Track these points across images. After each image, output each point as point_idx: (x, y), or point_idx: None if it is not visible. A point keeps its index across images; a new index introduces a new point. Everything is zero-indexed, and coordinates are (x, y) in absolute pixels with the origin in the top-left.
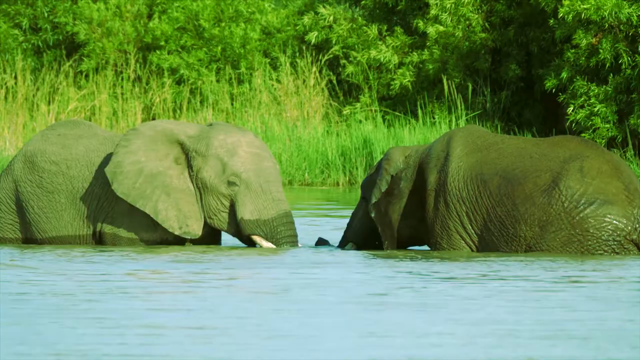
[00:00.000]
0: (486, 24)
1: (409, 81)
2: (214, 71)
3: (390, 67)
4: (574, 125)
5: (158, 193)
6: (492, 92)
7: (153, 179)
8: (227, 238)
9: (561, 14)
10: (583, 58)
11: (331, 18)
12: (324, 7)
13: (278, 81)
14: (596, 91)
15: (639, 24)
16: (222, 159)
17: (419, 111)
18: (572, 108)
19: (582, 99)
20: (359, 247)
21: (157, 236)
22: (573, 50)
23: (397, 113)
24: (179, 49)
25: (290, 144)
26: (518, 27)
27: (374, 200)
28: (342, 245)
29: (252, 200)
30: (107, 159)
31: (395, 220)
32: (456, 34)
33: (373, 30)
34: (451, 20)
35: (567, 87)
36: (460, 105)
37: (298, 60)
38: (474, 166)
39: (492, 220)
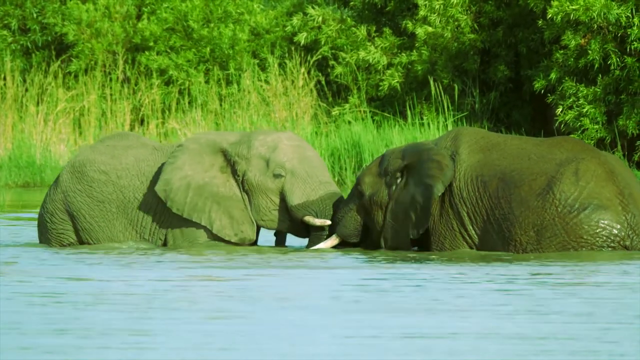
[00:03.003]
0: (475, 25)
1: (397, 82)
2: (203, 72)
3: (379, 68)
4: (562, 126)
5: (209, 204)
6: (481, 93)
7: (201, 191)
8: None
9: (550, 15)
10: (572, 59)
11: (320, 19)
12: (312, 8)
13: (267, 82)
14: (585, 92)
15: (628, 24)
16: (264, 155)
17: (408, 112)
18: (560, 109)
19: (571, 99)
20: (362, 245)
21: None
22: (562, 51)
23: (386, 114)
24: (168, 50)
25: None
26: (507, 28)
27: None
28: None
29: (299, 186)
30: (157, 169)
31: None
32: (445, 34)
33: (362, 31)
34: (440, 21)
35: (555, 88)
36: (448, 107)
37: (287, 61)
38: (475, 167)
39: (490, 223)
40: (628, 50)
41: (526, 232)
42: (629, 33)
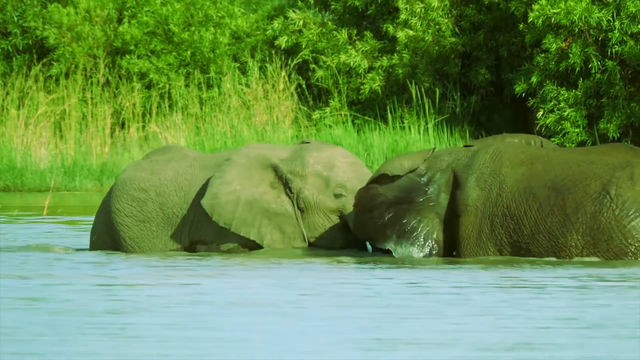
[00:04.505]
0: (456, 29)
1: (378, 85)
2: (184, 75)
3: (360, 71)
4: (543, 129)
5: (259, 219)
6: (461, 97)
7: (251, 206)
8: None
9: (531, 19)
10: (553, 62)
11: (301, 22)
12: (293, 11)
13: (247, 86)
14: (566, 95)
15: (609, 28)
16: (322, 173)
17: (389, 115)
18: (541, 112)
19: (552, 103)
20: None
21: None
22: (543, 55)
23: (366, 117)
24: (149, 54)
25: None
26: (488, 32)
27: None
28: None
29: None
30: (195, 182)
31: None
32: (426, 38)
33: (343, 35)
34: (421, 25)
35: (536, 91)
36: (429, 110)
37: (267, 65)
38: (521, 180)
39: (540, 232)
40: (609, 53)
41: (584, 237)
42: (609, 37)
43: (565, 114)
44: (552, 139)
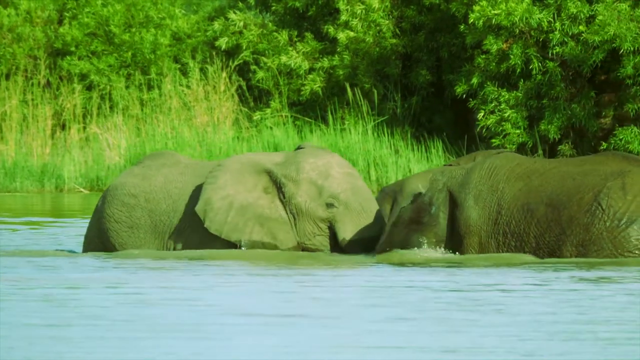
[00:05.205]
0: (397, 30)
1: (319, 87)
2: (124, 77)
3: (301, 72)
4: (484, 130)
5: (251, 225)
6: (402, 98)
7: (244, 212)
8: None
9: (472, 20)
10: (493, 64)
11: (241, 24)
12: (234, 12)
13: (188, 87)
14: (506, 97)
15: (550, 29)
16: (316, 182)
17: (329, 117)
18: (482, 114)
19: (493, 104)
20: None
21: None
22: (483, 56)
23: (307, 119)
24: (89, 55)
25: (201, 149)
26: (428, 33)
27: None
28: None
29: (353, 220)
30: (185, 190)
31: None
32: (366, 39)
33: (283, 36)
34: (362, 26)
35: (477, 92)
36: (369, 111)
37: (208, 66)
38: (518, 196)
39: (541, 248)
40: (550, 54)
41: (577, 248)
42: (550, 38)
43: (506, 115)
44: (493, 140)
